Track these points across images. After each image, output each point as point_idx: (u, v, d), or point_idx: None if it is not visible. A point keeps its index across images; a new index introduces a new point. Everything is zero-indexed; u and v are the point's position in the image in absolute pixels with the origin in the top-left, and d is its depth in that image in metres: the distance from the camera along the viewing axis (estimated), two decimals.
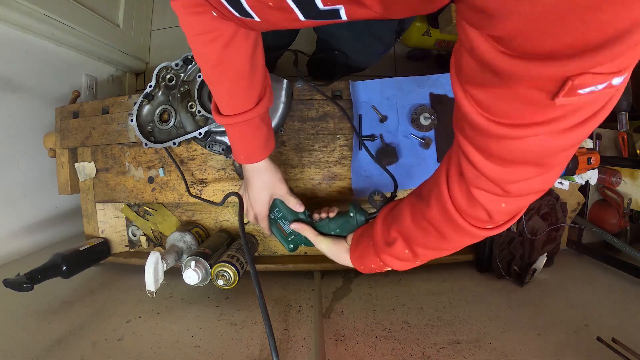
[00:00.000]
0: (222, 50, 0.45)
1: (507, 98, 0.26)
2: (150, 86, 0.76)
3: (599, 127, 0.96)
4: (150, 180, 0.83)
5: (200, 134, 0.72)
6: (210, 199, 0.81)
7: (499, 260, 0.83)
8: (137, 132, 0.76)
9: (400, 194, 0.82)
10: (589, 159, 0.71)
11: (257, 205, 0.63)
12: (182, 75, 0.77)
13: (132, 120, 0.76)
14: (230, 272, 0.68)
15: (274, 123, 0.73)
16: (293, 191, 0.66)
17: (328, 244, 0.61)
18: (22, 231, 0.95)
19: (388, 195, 0.64)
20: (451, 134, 0.36)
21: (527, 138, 0.28)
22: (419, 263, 0.51)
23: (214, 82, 0.50)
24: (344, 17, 0.35)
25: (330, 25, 0.80)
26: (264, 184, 0.61)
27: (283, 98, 0.73)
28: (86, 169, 0.86)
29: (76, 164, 0.87)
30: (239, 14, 0.37)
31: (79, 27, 1.10)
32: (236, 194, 0.63)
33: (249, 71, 0.49)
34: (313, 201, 0.83)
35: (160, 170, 0.83)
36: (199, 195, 0.81)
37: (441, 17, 0.89)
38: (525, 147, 0.29)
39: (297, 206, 0.64)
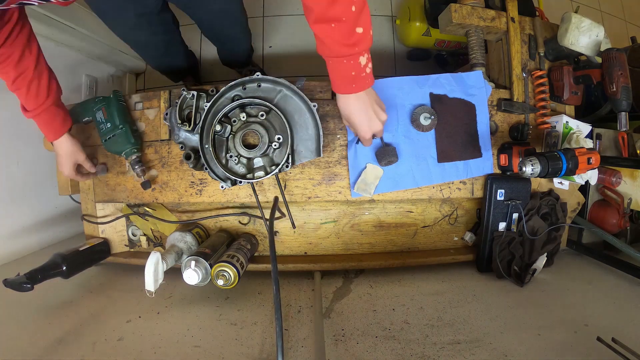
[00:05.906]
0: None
1: None
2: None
3: (599, 127, 0.97)
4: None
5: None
6: (211, 199, 0.81)
7: (499, 260, 0.83)
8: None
9: (400, 194, 0.83)
10: (589, 159, 0.71)
11: (65, 169, 0.78)
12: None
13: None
14: (230, 272, 0.68)
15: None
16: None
17: None
18: (22, 231, 0.95)
19: None
20: (451, 134, 0.35)
21: None
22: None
23: (16, 91, 0.68)
24: None
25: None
26: (67, 153, 0.76)
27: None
28: None
29: None
30: None
31: (78, 27, 1.09)
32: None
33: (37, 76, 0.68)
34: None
35: (154, 171, 0.83)
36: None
37: (441, 17, 0.88)
38: None
39: (92, 168, 0.81)
